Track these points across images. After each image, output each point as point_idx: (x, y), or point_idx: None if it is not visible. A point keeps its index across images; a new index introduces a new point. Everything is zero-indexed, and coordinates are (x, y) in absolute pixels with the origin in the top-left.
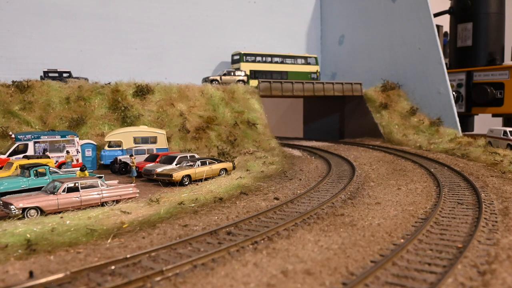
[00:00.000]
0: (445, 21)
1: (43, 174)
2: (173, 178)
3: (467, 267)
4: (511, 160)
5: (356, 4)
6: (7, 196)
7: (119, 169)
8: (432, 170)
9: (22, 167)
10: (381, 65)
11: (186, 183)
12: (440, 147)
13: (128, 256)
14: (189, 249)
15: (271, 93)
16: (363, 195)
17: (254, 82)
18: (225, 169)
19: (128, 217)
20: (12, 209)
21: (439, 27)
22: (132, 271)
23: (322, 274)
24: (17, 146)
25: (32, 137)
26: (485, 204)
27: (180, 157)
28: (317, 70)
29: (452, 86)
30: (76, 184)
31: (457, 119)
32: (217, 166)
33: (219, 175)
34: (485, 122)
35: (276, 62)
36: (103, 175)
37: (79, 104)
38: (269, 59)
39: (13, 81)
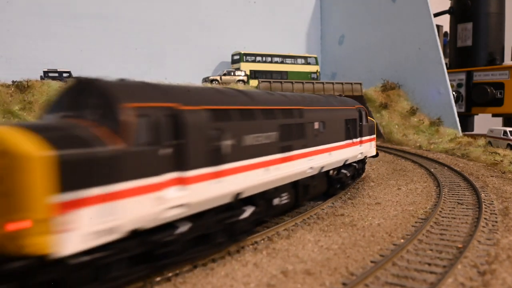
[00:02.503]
0: (445, 21)
1: None
2: None
3: (467, 267)
4: (511, 160)
5: (356, 4)
6: None
7: None
8: (432, 170)
9: None
10: (381, 65)
11: None
12: (440, 147)
13: None
14: None
15: None
16: (363, 195)
17: (254, 82)
18: None
19: None
20: None
21: (439, 27)
22: None
23: (322, 274)
24: None
25: None
26: (485, 204)
27: None
28: (317, 70)
29: (452, 86)
30: None
31: (457, 119)
32: None
33: None
34: (485, 122)
35: (276, 62)
36: None
37: None
38: (269, 59)
39: (13, 81)
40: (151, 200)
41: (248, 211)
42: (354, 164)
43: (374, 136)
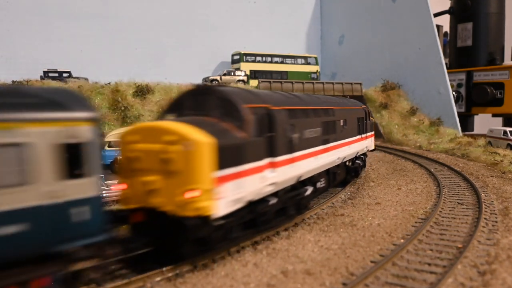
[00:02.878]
0: (445, 21)
1: None
2: None
3: (467, 267)
4: (511, 160)
5: (356, 4)
6: None
7: None
8: (432, 170)
9: None
10: (381, 65)
11: None
12: (440, 147)
13: None
14: None
15: None
16: (363, 195)
17: (254, 82)
18: None
19: None
20: None
21: (439, 27)
22: None
23: (322, 274)
24: None
25: None
26: (485, 204)
27: None
28: (317, 70)
29: (452, 86)
30: None
31: (457, 119)
32: None
33: None
34: (485, 122)
35: (276, 62)
36: (103, 175)
37: None
38: (269, 59)
39: (13, 81)
40: (258, 179)
41: (309, 190)
42: (361, 155)
43: (374, 132)
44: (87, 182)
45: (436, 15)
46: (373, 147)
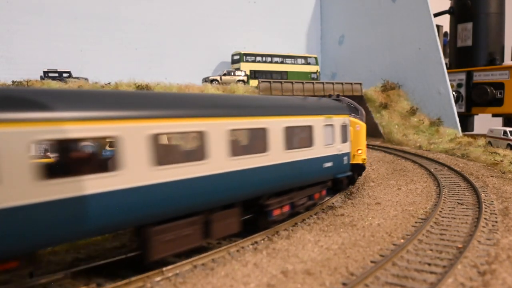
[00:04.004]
0: (445, 21)
1: None
2: None
3: (467, 267)
4: (511, 160)
5: (356, 4)
6: None
7: None
8: (432, 170)
9: None
10: (381, 65)
11: None
12: (440, 147)
13: None
14: None
15: (271, 93)
16: (363, 195)
17: (254, 82)
18: None
19: None
20: None
21: (439, 27)
22: None
23: (322, 274)
24: None
25: None
26: (485, 204)
27: None
28: (317, 70)
29: (452, 86)
30: None
31: (457, 119)
32: None
33: None
34: (485, 122)
35: (276, 62)
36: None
37: None
38: (269, 59)
39: (13, 81)
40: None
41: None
42: None
43: None
44: (347, 144)
45: (436, 15)
46: None
